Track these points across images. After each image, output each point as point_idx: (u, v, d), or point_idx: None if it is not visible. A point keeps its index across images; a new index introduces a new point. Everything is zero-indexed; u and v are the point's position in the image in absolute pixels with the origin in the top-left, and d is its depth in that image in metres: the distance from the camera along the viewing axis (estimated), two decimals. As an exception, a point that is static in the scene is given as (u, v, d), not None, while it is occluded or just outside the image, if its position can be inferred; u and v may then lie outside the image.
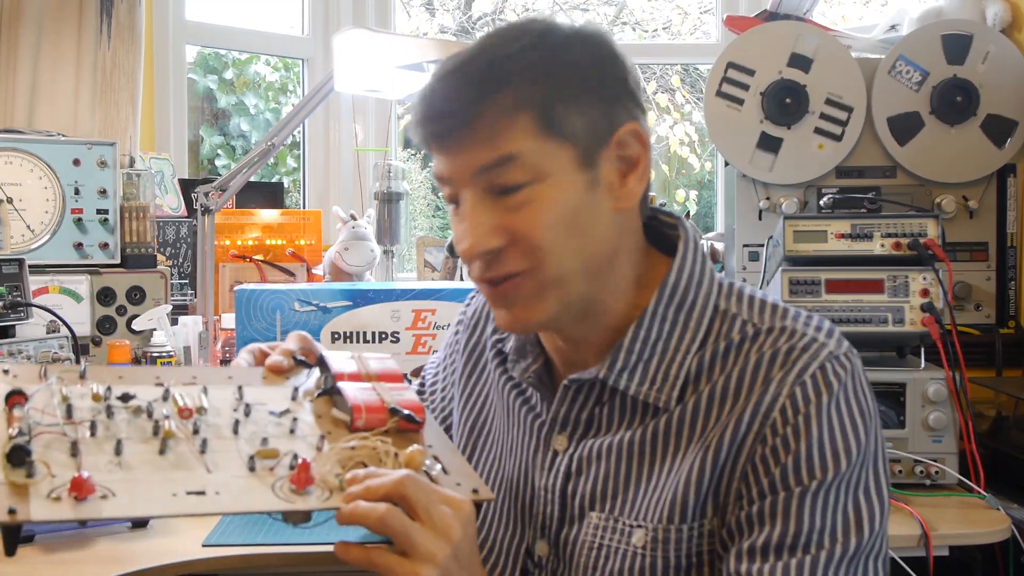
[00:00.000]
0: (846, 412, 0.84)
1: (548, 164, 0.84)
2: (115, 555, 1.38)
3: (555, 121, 0.83)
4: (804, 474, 0.82)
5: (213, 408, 0.86)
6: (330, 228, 2.58)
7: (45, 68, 2.33)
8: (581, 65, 0.85)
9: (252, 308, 1.78)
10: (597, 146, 0.86)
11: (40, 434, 0.77)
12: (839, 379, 0.84)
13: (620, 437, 0.90)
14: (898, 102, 2.18)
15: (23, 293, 1.80)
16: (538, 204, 0.84)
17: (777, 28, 2.23)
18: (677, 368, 0.88)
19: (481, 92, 0.83)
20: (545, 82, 0.83)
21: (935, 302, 1.72)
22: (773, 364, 0.85)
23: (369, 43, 1.98)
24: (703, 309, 0.90)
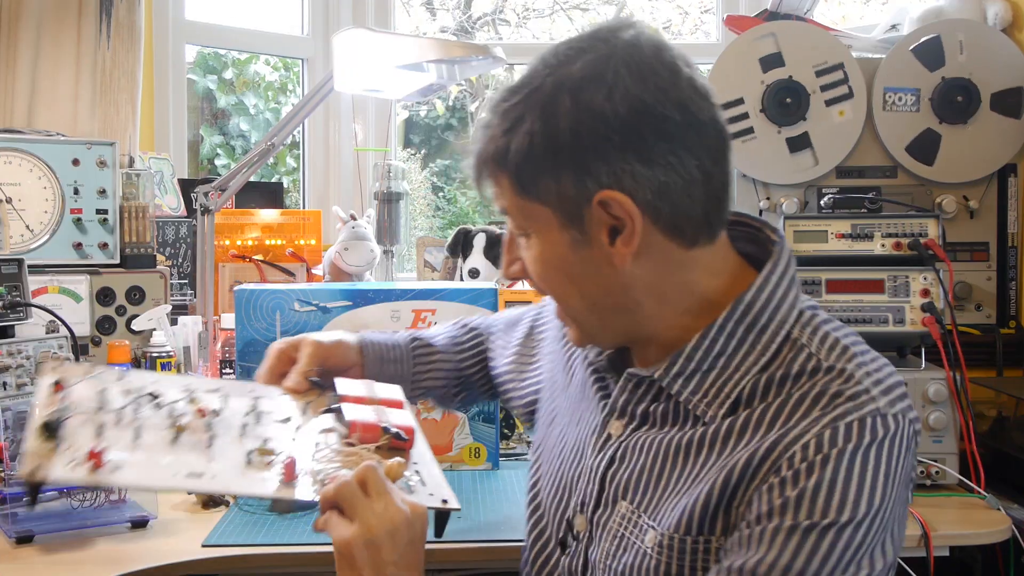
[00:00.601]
0: (872, 466, 0.81)
1: (531, 222, 0.90)
2: (115, 555, 1.38)
3: (527, 185, 0.88)
4: (803, 510, 0.80)
5: (229, 412, 0.98)
6: (330, 228, 2.58)
7: (45, 68, 2.33)
8: (557, 131, 0.84)
9: (252, 308, 1.78)
10: (577, 208, 0.86)
11: (73, 416, 0.91)
12: (875, 435, 0.81)
13: (663, 437, 0.92)
14: (898, 102, 2.18)
15: (22, 293, 1.80)
16: (533, 254, 0.92)
17: (737, 48, 2.22)
18: (732, 386, 0.89)
19: (477, 169, 0.92)
20: (522, 145, 0.86)
21: (936, 302, 1.72)
22: (816, 403, 0.83)
23: (369, 43, 1.98)
24: (774, 334, 0.89)
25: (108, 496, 1.49)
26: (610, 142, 0.83)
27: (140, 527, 1.48)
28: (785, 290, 0.90)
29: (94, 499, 1.48)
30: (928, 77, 2.16)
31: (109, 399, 0.95)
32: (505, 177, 0.89)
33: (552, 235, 0.89)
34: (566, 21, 5.38)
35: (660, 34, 0.91)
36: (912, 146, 2.18)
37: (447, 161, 6.70)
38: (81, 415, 0.92)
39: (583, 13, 5.21)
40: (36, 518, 1.47)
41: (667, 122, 0.83)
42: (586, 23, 5.31)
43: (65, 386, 0.94)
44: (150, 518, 1.49)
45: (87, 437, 0.89)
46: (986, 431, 1.94)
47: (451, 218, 5.89)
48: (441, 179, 6.42)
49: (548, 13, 5.35)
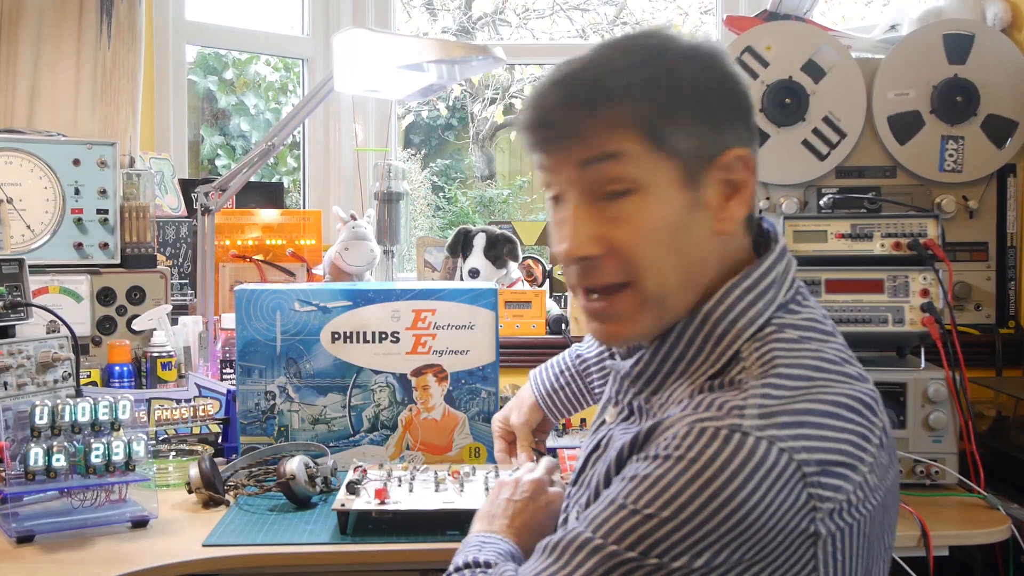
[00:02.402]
0: (693, 479, 0.76)
1: (651, 176, 0.85)
2: (115, 555, 1.38)
3: (661, 136, 0.84)
4: (623, 493, 0.80)
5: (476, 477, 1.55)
6: (330, 228, 2.58)
7: (45, 68, 2.33)
8: (693, 85, 0.86)
9: (252, 308, 1.78)
10: (701, 166, 0.86)
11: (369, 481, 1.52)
12: (718, 449, 0.76)
13: (625, 439, 0.93)
14: (898, 102, 2.18)
15: (23, 293, 1.80)
16: (639, 217, 0.85)
17: (797, 28, 2.23)
18: (685, 389, 0.89)
19: (589, 106, 0.84)
20: (655, 99, 0.84)
21: (935, 302, 1.72)
22: (700, 405, 0.82)
23: (369, 43, 1.98)
24: (727, 347, 0.87)
25: (108, 496, 1.49)
26: (738, 106, 0.89)
27: (140, 527, 1.48)
28: (750, 302, 0.88)
29: (95, 499, 1.49)
30: (928, 77, 2.16)
31: (393, 474, 1.57)
32: (633, 128, 0.84)
33: (667, 194, 0.85)
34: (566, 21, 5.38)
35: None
36: (912, 146, 2.18)
37: (447, 161, 6.70)
38: (374, 480, 1.53)
39: (583, 14, 5.21)
40: (36, 517, 1.47)
41: (753, 108, 0.92)
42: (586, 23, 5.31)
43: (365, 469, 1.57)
44: (150, 518, 1.49)
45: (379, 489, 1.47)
46: (985, 431, 1.94)
47: (451, 218, 5.89)
48: (441, 179, 6.42)
49: (548, 13, 5.35)
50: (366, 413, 1.79)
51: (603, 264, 0.86)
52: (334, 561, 1.41)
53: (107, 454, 1.46)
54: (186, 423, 1.83)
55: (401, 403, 1.79)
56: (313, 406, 1.79)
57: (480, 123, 6.44)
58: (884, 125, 2.18)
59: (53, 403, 1.46)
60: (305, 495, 1.58)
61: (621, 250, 0.85)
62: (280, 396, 1.78)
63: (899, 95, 2.18)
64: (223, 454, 1.86)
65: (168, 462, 1.73)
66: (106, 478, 1.47)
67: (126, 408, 1.50)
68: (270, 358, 1.78)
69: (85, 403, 1.47)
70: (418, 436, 1.79)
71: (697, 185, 0.86)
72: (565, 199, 0.88)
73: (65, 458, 1.44)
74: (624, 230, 0.85)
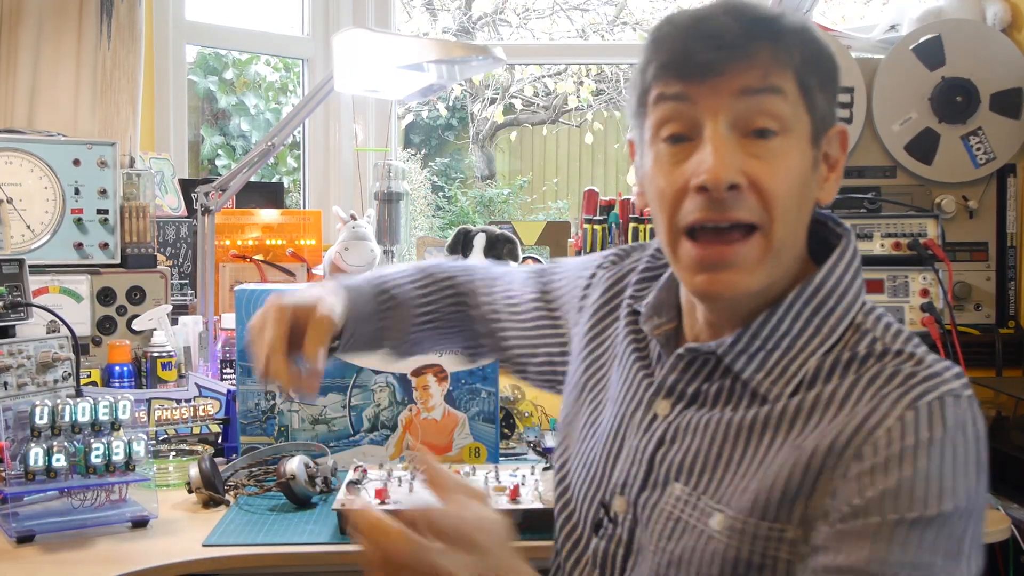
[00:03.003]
0: (962, 453, 0.78)
1: (796, 121, 0.85)
2: (115, 555, 1.38)
3: (809, 89, 0.86)
4: (904, 503, 0.76)
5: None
6: (330, 228, 2.58)
7: (45, 68, 2.33)
8: (831, 58, 0.89)
9: (252, 308, 1.78)
10: (824, 130, 0.88)
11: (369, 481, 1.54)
12: (957, 418, 0.79)
13: (721, 416, 0.88)
14: (898, 102, 2.18)
15: (23, 293, 1.80)
16: (783, 159, 0.84)
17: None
18: (797, 366, 0.86)
19: (771, 35, 0.84)
20: (812, 53, 0.86)
21: (935, 302, 1.72)
22: (890, 383, 0.81)
23: (369, 43, 1.98)
24: (840, 319, 0.88)
25: (108, 496, 1.50)
26: (839, 91, 0.91)
27: (140, 527, 1.48)
28: (852, 277, 0.89)
29: (95, 499, 1.49)
30: (928, 77, 2.16)
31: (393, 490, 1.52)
32: (790, 72, 0.84)
33: (804, 145, 0.86)
34: (566, 21, 5.39)
35: None
36: (911, 146, 2.18)
37: (447, 161, 6.70)
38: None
39: (583, 14, 5.21)
40: (36, 517, 1.47)
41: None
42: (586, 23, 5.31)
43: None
44: (150, 518, 1.49)
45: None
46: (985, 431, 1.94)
47: (451, 218, 5.89)
48: (441, 179, 6.42)
49: (548, 13, 5.36)
50: (366, 413, 1.79)
51: (745, 197, 0.83)
52: (334, 561, 1.42)
53: (107, 454, 1.46)
54: (186, 423, 1.83)
55: (401, 403, 1.79)
56: (313, 406, 1.79)
57: (480, 123, 6.44)
58: (884, 125, 2.18)
59: (53, 403, 1.46)
60: (305, 495, 1.58)
61: (763, 187, 0.83)
62: (280, 396, 1.78)
63: (899, 95, 2.18)
64: (223, 454, 1.86)
65: (168, 462, 1.73)
66: (106, 478, 1.47)
67: (126, 408, 1.50)
68: (270, 358, 1.78)
69: (85, 403, 1.47)
70: (418, 436, 1.79)
71: (818, 147, 0.88)
72: (702, 130, 0.84)
73: (65, 458, 1.44)
74: (772, 168, 0.83)
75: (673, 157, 0.86)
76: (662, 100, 0.86)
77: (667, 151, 0.86)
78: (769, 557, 0.82)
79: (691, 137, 0.85)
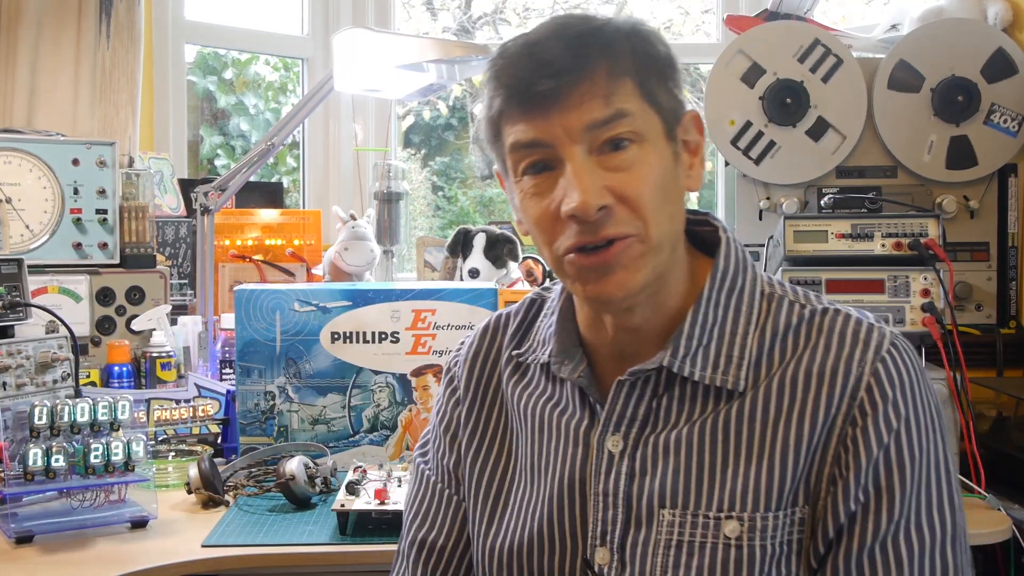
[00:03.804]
0: (925, 388, 0.87)
1: (648, 128, 0.87)
2: (115, 555, 1.38)
3: (650, 89, 0.87)
4: (906, 455, 0.84)
5: None
6: (330, 228, 2.58)
7: (45, 68, 2.32)
8: (665, 50, 0.90)
9: (252, 308, 1.77)
10: (674, 123, 0.90)
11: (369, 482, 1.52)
12: (910, 357, 0.87)
13: (688, 429, 0.88)
14: (898, 102, 2.18)
15: (22, 293, 1.80)
16: (642, 166, 0.86)
17: (789, 27, 2.23)
18: (739, 350, 0.89)
19: (597, 48, 0.85)
20: (643, 53, 0.88)
21: (936, 302, 1.72)
22: (844, 344, 0.87)
23: (369, 43, 1.98)
24: (752, 294, 0.92)
25: (108, 496, 1.49)
26: (681, 81, 0.92)
27: (140, 527, 1.48)
28: (744, 256, 0.95)
29: (94, 499, 1.48)
30: (928, 77, 2.16)
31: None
32: (630, 81, 0.86)
33: (659, 145, 0.88)
34: (566, 21, 5.37)
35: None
36: (912, 146, 2.18)
37: (447, 161, 6.70)
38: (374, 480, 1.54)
39: (583, 13, 5.21)
40: (36, 518, 1.47)
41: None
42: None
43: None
44: (150, 518, 1.49)
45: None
46: (986, 431, 1.94)
47: (451, 218, 5.88)
48: (441, 179, 6.42)
49: (548, 13, 5.35)
50: (366, 413, 1.79)
51: (615, 212, 0.85)
52: (334, 561, 1.41)
53: (106, 454, 1.46)
54: (185, 423, 1.83)
55: (401, 403, 1.79)
56: (313, 406, 1.78)
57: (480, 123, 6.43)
58: (884, 125, 2.18)
59: (52, 403, 1.46)
60: (305, 495, 1.58)
61: (632, 198, 0.85)
62: (280, 396, 1.78)
63: (899, 95, 2.17)
64: (223, 454, 1.86)
65: (168, 462, 1.73)
66: (105, 478, 1.47)
67: (125, 408, 1.50)
68: (270, 358, 1.78)
69: (84, 403, 1.47)
70: (418, 436, 1.78)
71: (674, 140, 0.90)
72: (561, 158, 0.86)
73: (64, 458, 1.44)
74: (632, 178, 0.85)
75: (538, 187, 0.88)
76: (517, 147, 0.88)
77: (531, 183, 0.88)
78: (785, 544, 0.85)
79: (552, 166, 0.87)
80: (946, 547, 0.84)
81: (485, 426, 1.02)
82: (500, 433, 1.02)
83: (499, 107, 0.88)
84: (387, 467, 1.59)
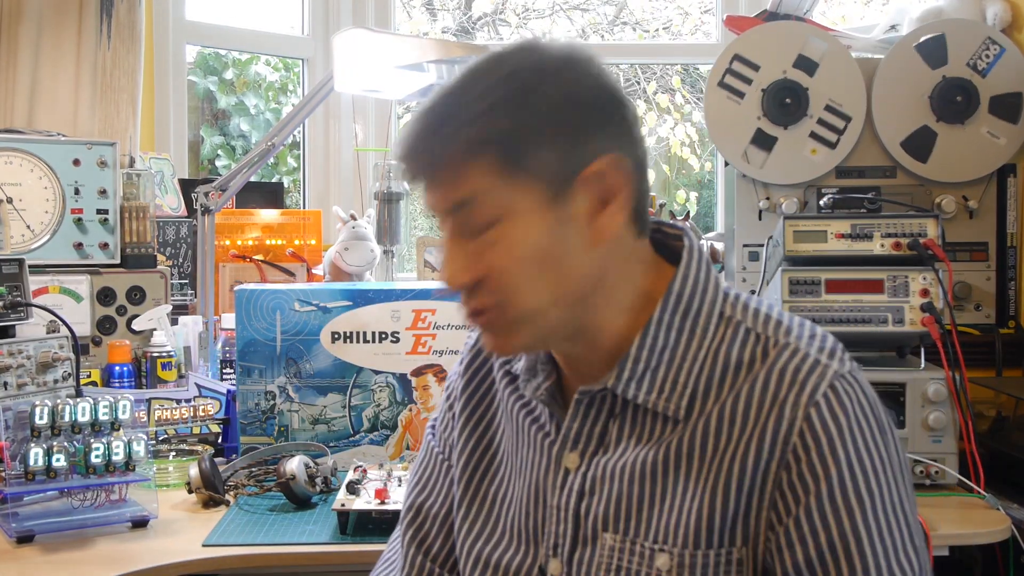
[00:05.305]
0: (867, 430, 0.83)
1: (512, 203, 0.84)
2: (115, 555, 1.38)
3: (519, 159, 0.83)
4: (840, 500, 0.81)
5: None
6: (330, 228, 2.59)
7: (45, 68, 2.33)
8: (549, 102, 0.84)
9: (252, 308, 1.78)
10: (567, 182, 0.85)
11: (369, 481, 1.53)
12: (851, 398, 0.83)
13: (634, 457, 0.88)
14: (898, 102, 2.18)
15: (23, 293, 1.80)
16: (504, 244, 0.84)
17: (785, 28, 2.23)
18: (685, 376, 0.87)
19: (444, 135, 0.84)
20: (509, 121, 0.83)
21: (935, 302, 1.72)
22: (781, 384, 0.84)
23: (369, 43, 1.98)
24: (708, 316, 0.89)
25: (108, 496, 1.50)
26: (603, 111, 0.86)
27: (140, 527, 1.48)
28: (706, 274, 0.91)
29: (95, 499, 1.49)
30: (927, 77, 2.16)
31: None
32: (487, 158, 0.83)
33: (532, 217, 0.84)
34: (566, 21, 5.38)
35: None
36: (911, 146, 2.18)
37: (447, 161, 6.68)
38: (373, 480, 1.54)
39: (583, 13, 5.21)
40: (36, 517, 1.47)
41: (629, 107, 0.89)
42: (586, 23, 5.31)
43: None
44: (150, 518, 1.49)
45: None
46: (985, 431, 1.94)
47: (451, 218, 5.88)
48: (441, 179, 6.39)
49: (548, 13, 5.35)
50: (366, 413, 1.79)
51: (478, 290, 0.87)
52: (334, 561, 1.42)
53: (107, 454, 1.46)
54: (186, 423, 1.83)
55: (401, 403, 1.79)
56: (313, 406, 1.79)
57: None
58: (883, 125, 2.18)
59: (53, 403, 1.46)
60: (305, 495, 1.58)
61: (492, 276, 0.86)
62: (280, 396, 1.78)
63: (899, 95, 2.18)
64: (223, 454, 1.86)
65: (168, 462, 1.73)
66: (106, 478, 1.47)
67: (126, 408, 1.50)
68: (270, 358, 1.78)
69: (85, 403, 1.47)
70: (418, 436, 1.79)
71: (565, 200, 0.85)
72: (442, 231, 0.89)
73: (65, 458, 1.44)
74: (493, 258, 0.85)
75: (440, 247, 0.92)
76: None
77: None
78: None
79: (442, 229, 0.90)
80: None
81: (474, 411, 1.05)
82: (487, 422, 1.04)
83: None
84: (387, 467, 1.59)
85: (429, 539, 1.05)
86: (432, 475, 1.07)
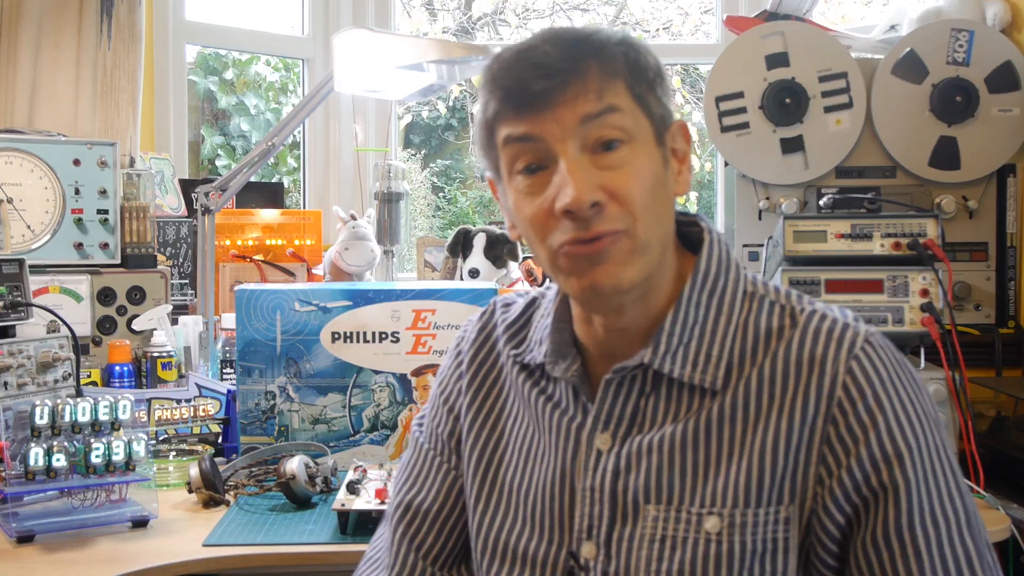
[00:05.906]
0: (907, 380, 0.88)
1: (638, 130, 0.89)
2: (115, 555, 1.38)
3: (641, 95, 0.89)
4: (889, 447, 0.85)
5: None
6: (330, 228, 2.59)
7: (45, 68, 2.33)
8: (651, 61, 0.92)
9: (252, 308, 1.78)
10: (664, 130, 0.92)
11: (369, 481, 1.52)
12: (886, 352, 0.88)
13: (671, 431, 0.90)
14: (898, 102, 2.18)
15: (23, 293, 1.80)
16: (633, 166, 0.88)
17: (743, 43, 2.22)
18: (719, 348, 0.91)
19: (590, 51, 0.88)
20: (634, 61, 0.90)
21: (935, 302, 1.72)
22: (817, 343, 0.88)
23: (369, 43, 1.98)
24: (734, 293, 0.94)
25: (108, 496, 1.50)
26: (670, 92, 0.94)
27: (140, 527, 1.48)
28: (728, 256, 0.96)
29: (95, 499, 1.49)
30: (927, 77, 2.16)
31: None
32: (624, 81, 0.89)
33: (651, 149, 0.90)
34: (566, 21, 5.38)
35: None
36: (911, 146, 2.18)
37: (447, 161, 6.70)
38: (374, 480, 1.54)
39: (583, 14, 5.21)
40: (36, 517, 1.47)
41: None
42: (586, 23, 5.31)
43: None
44: (150, 518, 1.49)
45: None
46: (985, 431, 1.94)
47: (451, 218, 5.89)
48: (441, 179, 6.42)
49: (548, 13, 5.35)
50: (366, 413, 1.79)
51: (608, 210, 0.87)
52: (334, 561, 1.42)
53: (107, 454, 1.46)
54: (186, 423, 1.83)
55: (401, 403, 1.79)
56: (313, 406, 1.79)
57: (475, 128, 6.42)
58: (883, 125, 2.18)
59: (53, 403, 1.46)
60: (305, 495, 1.58)
61: (623, 196, 0.87)
62: (280, 396, 1.79)
63: (899, 95, 2.18)
64: (223, 454, 1.86)
65: (168, 462, 1.73)
66: (106, 478, 1.47)
67: (126, 408, 1.50)
68: (270, 358, 1.78)
69: (85, 403, 1.47)
70: (418, 436, 1.79)
71: (663, 145, 0.92)
72: (555, 157, 0.88)
73: (65, 458, 1.44)
74: (624, 177, 0.88)
75: (532, 187, 0.90)
76: (511, 141, 0.90)
77: (525, 182, 0.90)
78: (769, 540, 0.87)
79: (546, 165, 0.89)
80: (963, 533, 0.85)
81: (483, 404, 1.05)
82: (496, 413, 1.04)
83: (494, 109, 0.90)
84: (387, 467, 1.59)
85: (420, 536, 1.05)
86: (422, 472, 1.07)
